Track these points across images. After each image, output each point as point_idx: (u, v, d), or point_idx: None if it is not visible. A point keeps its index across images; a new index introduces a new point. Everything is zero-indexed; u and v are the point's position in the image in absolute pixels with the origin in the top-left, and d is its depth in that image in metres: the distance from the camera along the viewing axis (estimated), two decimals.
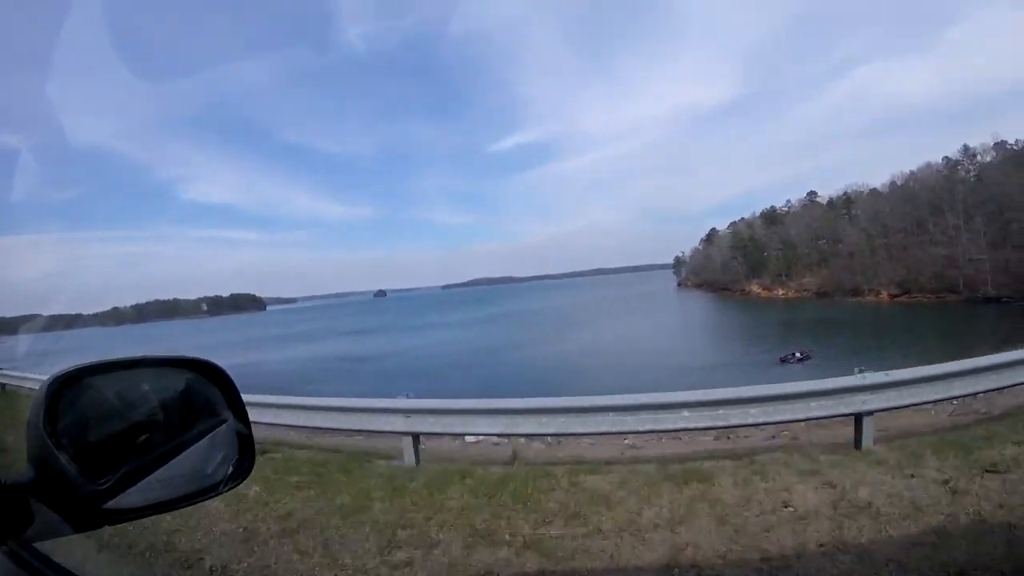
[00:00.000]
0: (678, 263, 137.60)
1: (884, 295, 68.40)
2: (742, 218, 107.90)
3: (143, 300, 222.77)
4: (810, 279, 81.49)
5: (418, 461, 5.77)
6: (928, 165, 75.96)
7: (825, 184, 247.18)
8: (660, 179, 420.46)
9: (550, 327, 59.95)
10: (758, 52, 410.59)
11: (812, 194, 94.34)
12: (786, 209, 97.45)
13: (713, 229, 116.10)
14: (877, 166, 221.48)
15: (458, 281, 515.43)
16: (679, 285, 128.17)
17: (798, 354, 32.87)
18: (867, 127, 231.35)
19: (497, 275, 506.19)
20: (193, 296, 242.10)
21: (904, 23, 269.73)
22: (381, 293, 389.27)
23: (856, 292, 71.24)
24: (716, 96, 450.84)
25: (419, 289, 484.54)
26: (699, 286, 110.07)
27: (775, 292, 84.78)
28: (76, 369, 0.95)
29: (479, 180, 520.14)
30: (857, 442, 5.11)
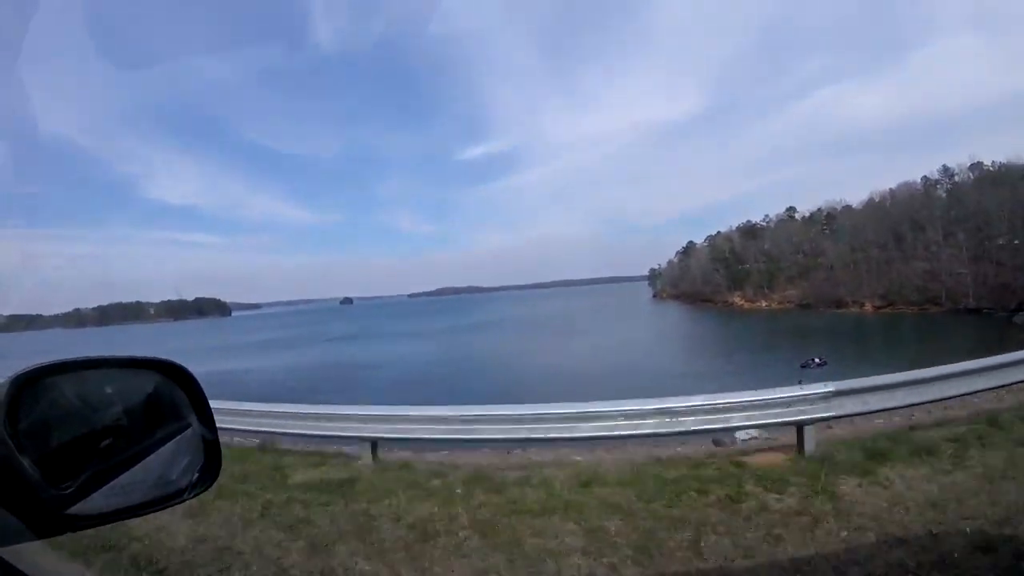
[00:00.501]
0: (653, 275, 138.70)
1: (868, 307, 69.59)
2: (719, 232, 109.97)
3: (105, 302, 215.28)
4: (792, 291, 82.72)
5: None
6: (906, 183, 78.76)
7: (790, 199, 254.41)
8: (625, 192, 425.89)
9: (547, 336, 58.72)
10: (722, 70, 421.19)
11: (791, 209, 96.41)
12: (765, 223, 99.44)
13: (691, 242, 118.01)
14: (840, 183, 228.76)
15: (424, 290, 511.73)
16: (655, 296, 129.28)
17: (817, 360, 32.63)
18: (829, 146, 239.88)
19: (463, 284, 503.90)
20: (155, 299, 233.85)
21: (864, 48, 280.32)
22: (347, 300, 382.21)
23: (839, 304, 72.43)
24: (680, 111, 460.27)
25: (385, 297, 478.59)
26: (677, 297, 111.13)
27: (758, 303, 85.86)
28: (37, 368, 0.89)
29: (444, 189, 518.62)
30: None
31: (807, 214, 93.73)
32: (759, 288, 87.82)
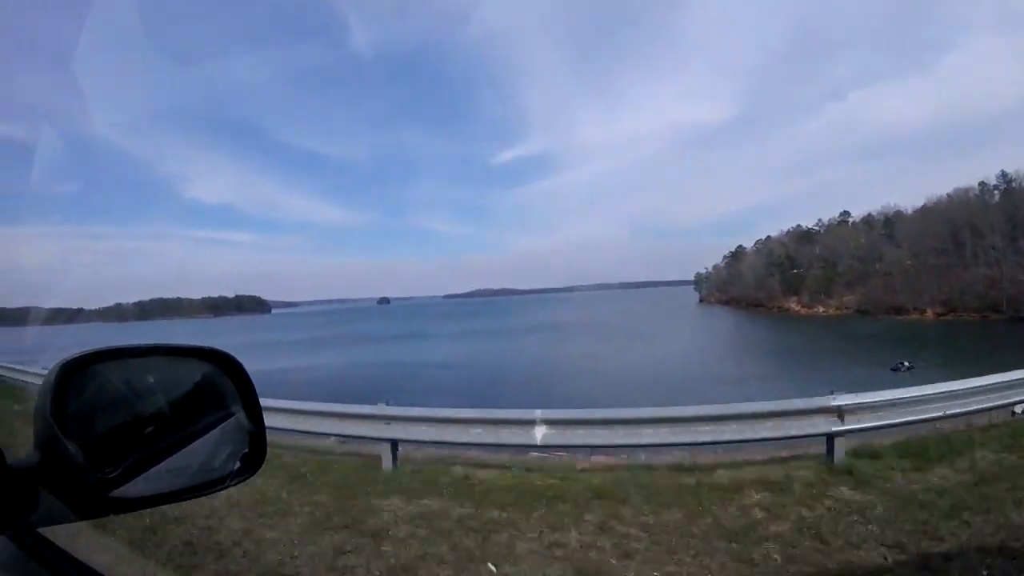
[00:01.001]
0: (699, 279, 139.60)
1: (929, 313, 70.20)
2: (768, 236, 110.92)
3: (145, 298, 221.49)
4: (850, 297, 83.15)
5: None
6: (962, 188, 79.23)
7: (829, 202, 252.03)
8: (659, 195, 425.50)
9: (615, 339, 57.50)
10: (755, 73, 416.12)
11: (845, 214, 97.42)
12: (818, 228, 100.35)
13: (740, 246, 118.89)
14: (881, 186, 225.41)
15: (459, 291, 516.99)
16: (701, 301, 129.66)
17: (906, 364, 34.04)
18: (864, 149, 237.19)
19: (497, 287, 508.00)
20: (195, 295, 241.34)
21: (898, 49, 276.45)
22: (384, 300, 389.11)
23: (899, 310, 72.92)
24: (714, 114, 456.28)
25: (419, 298, 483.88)
26: (726, 302, 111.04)
27: (815, 309, 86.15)
28: (86, 355, 0.94)
29: (478, 191, 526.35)
30: None
31: (857, 219, 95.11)
32: (815, 294, 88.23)
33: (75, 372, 0.89)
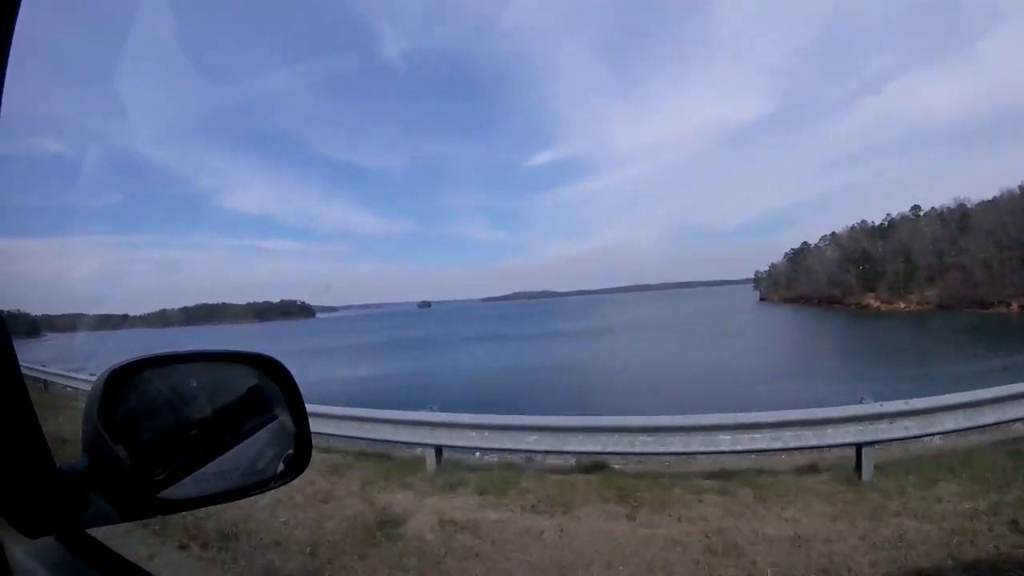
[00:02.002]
0: (758, 277, 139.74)
1: (1014, 306, 70.04)
2: (833, 232, 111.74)
3: (190, 304, 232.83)
4: (931, 292, 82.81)
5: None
6: None
7: (864, 199, 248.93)
8: (695, 196, 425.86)
9: (708, 338, 55.69)
10: (787, 71, 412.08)
11: (916, 208, 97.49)
12: (887, 223, 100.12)
13: (805, 243, 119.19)
14: (918, 179, 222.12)
15: (497, 295, 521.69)
16: (762, 299, 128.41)
17: None
18: (902, 141, 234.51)
19: (536, 289, 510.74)
20: (240, 301, 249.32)
21: (932, 40, 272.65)
22: (425, 304, 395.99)
23: (983, 304, 72.69)
24: (748, 113, 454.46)
25: (458, 301, 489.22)
26: (792, 300, 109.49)
27: (896, 305, 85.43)
28: (133, 362, 0.96)
29: (513, 196, 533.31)
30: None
31: (940, 210, 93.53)
32: (895, 289, 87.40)
33: (122, 379, 0.93)
